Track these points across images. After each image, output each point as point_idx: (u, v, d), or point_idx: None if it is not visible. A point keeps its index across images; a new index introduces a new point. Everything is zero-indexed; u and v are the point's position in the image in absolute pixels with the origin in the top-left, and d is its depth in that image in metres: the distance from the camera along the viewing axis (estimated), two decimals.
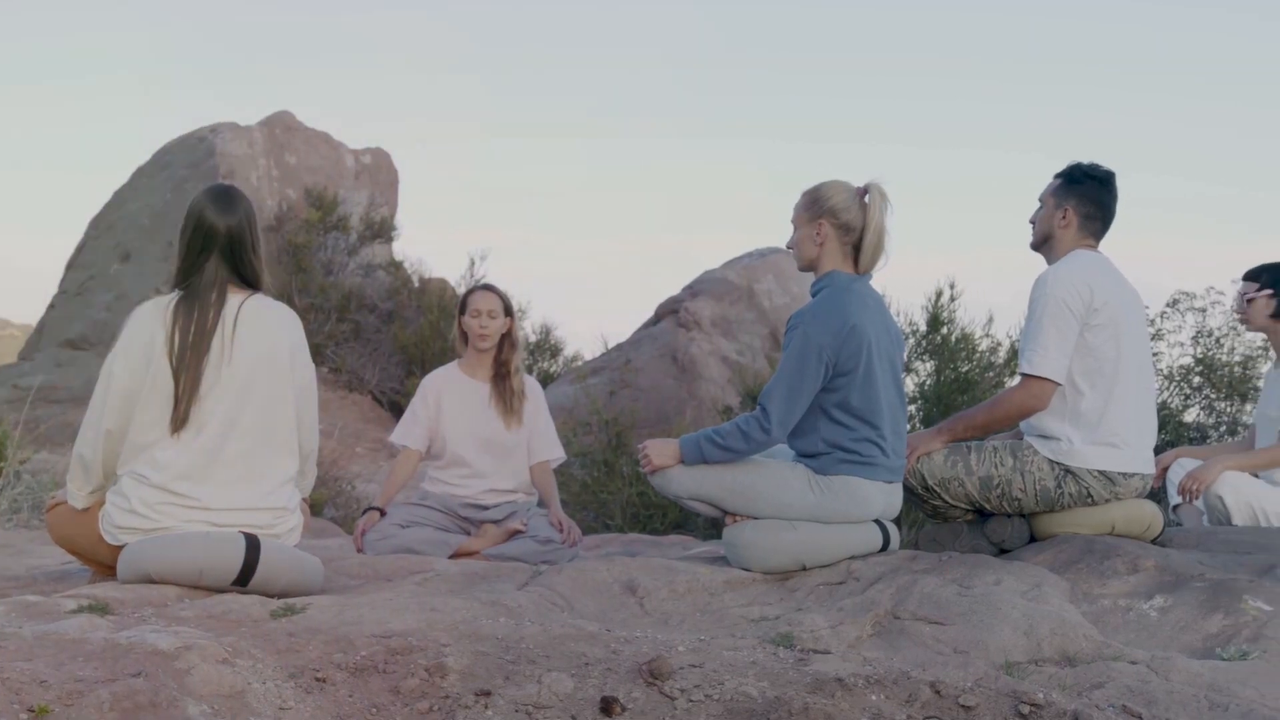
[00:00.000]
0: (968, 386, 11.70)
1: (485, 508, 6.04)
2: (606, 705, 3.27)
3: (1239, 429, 10.13)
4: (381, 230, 18.97)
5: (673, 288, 17.24)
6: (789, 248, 5.05)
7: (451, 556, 5.54)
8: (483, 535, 5.89)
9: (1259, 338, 9.71)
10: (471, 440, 6.06)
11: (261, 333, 4.41)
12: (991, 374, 12.24)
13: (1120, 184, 5.20)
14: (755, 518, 4.74)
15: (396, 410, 16.53)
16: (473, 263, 18.19)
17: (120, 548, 4.31)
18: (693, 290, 16.63)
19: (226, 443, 4.32)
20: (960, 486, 5.03)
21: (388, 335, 17.80)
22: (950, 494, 5.05)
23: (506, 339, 6.14)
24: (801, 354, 4.66)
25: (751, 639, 3.86)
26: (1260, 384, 9.22)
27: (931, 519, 5.30)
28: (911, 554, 4.81)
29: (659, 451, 4.82)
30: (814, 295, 4.88)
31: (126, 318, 4.44)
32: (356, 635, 3.57)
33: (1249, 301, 6.12)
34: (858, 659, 3.65)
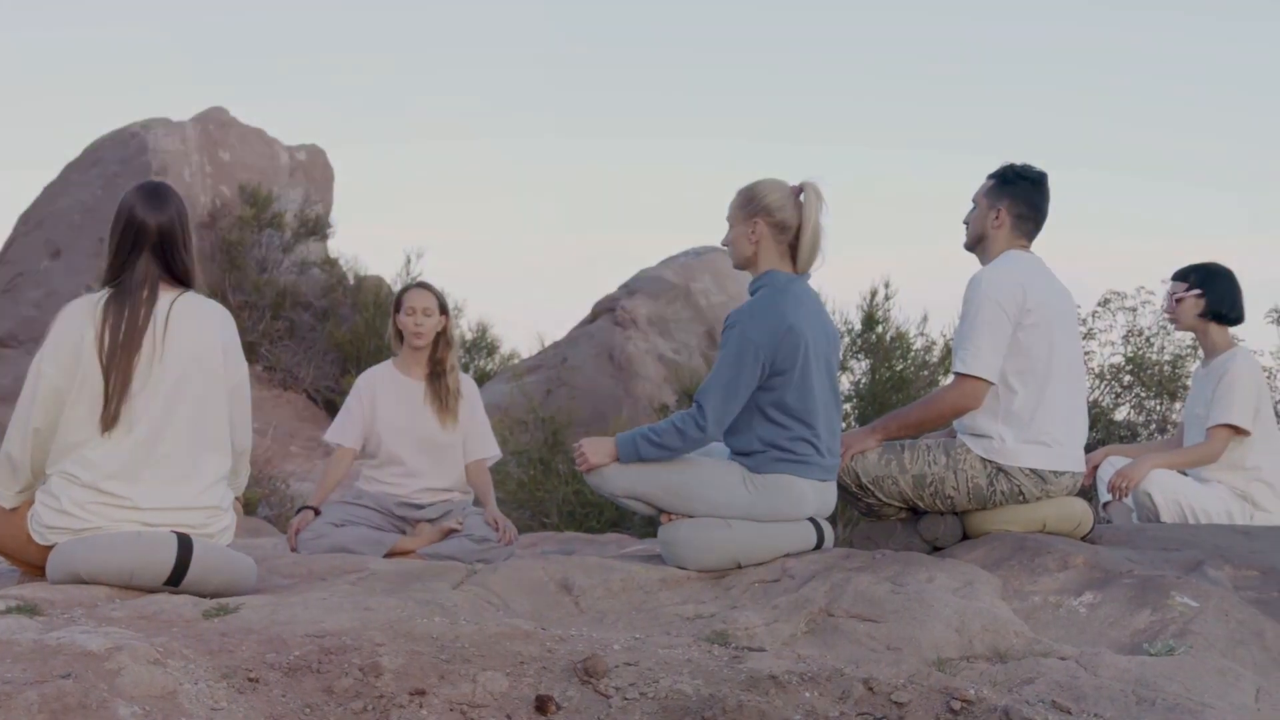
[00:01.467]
0: (902, 385, 11.78)
1: (420, 506, 6.02)
2: (541, 704, 3.27)
3: (1168, 427, 10.25)
4: (316, 227, 18.84)
5: (609, 286, 17.23)
6: (725, 246, 5.07)
7: (386, 555, 5.52)
8: (418, 534, 5.88)
9: (1188, 337, 9.85)
10: (407, 439, 6.04)
11: (194, 331, 4.37)
12: (926, 373, 12.33)
13: (1052, 183, 5.26)
14: (691, 516, 4.76)
15: (331, 408, 16.43)
16: (409, 260, 18.12)
17: (50, 548, 4.27)
18: (629, 289, 16.64)
19: (158, 442, 4.28)
20: (894, 485, 5.06)
21: (322, 333, 17.69)
22: (884, 492, 5.09)
23: (442, 337, 6.12)
24: (738, 353, 4.67)
25: (687, 637, 3.87)
26: (1189, 382, 9.34)
27: (865, 517, 5.33)
28: (845, 552, 4.84)
29: (595, 450, 4.82)
30: (752, 294, 4.90)
31: (56, 315, 4.39)
32: (290, 635, 3.55)
33: (1178, 301, 6.20)
34: (792, 656, 3.67)
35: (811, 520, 4.87)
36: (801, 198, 4.89)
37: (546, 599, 4.38)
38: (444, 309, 6.14)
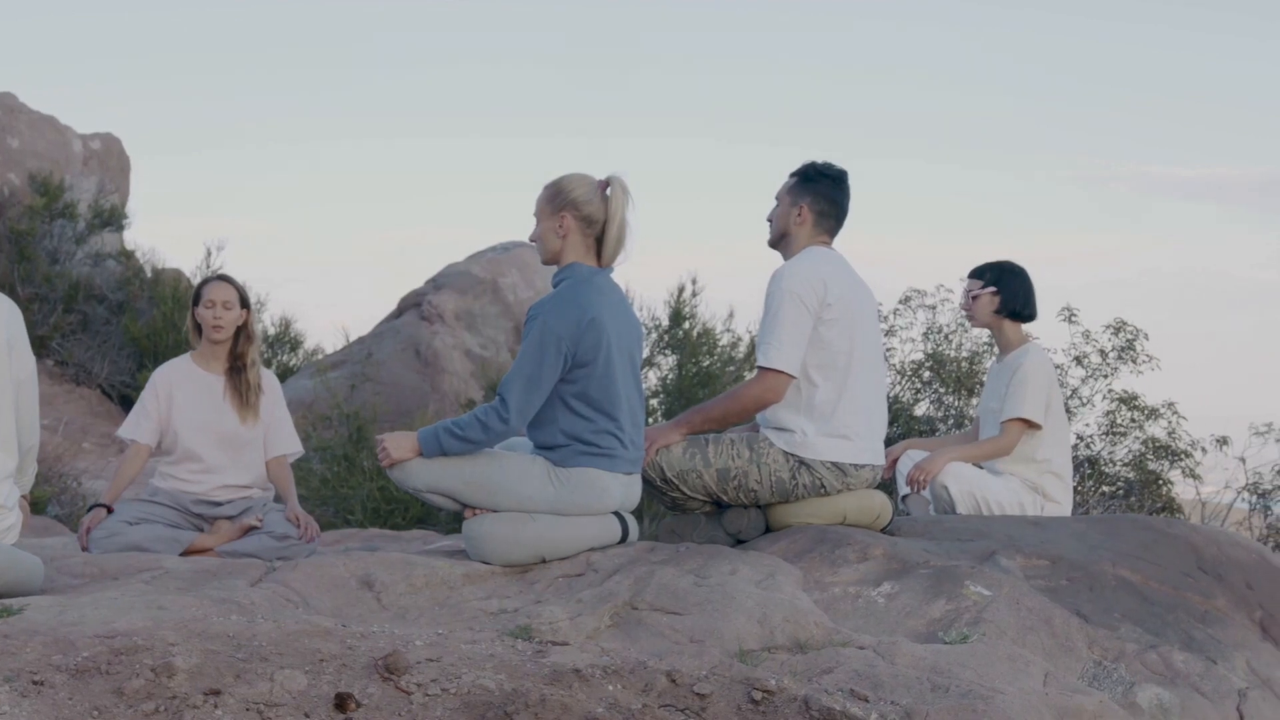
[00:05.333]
0: (709, 380, 11.90)
1: (219, 504, 5.88)
2: (341, 701, 3.22)
3: (966, 422, 10.49)
4: (112, 218, 18.30)
5: (415, 281, 17.08)
6: (532, 241, 5.06)
7: (183, 554, 5.38)
8: (216, 532, 5.74)
9: (984, 334, 10.08)
10: (205, 435, 5.89)
11: None
12: (732, 368, 12.47)
13: (853, 180, 5.36)
14: (495, 510, 4.73)
15: (128, 404, 15.98)
16: (209, 253, 17.71)
17: None
18: (436, 283, 16.53)
19: None
20: (698, 478, 5.10)
21: (118, 327, 17.19)
22: (689, 486, 5.12)
23: (243, 331, 5.98)
24: (540, 344, 4.66)
25: (490, 632, 3.85)
26: (985, 378, 9.58)
27: (670, 510, 5.36)
28: (650, 545, 4.86)
29: (397, 445, 4.77)
30: (555, 286, 4.90)
31: None
32: (78, 636, 3.44)
33: (974, 298, 6.34)
34: (595, 650, 3.68)
35: (616, 514, 4.88)
36: (608, 192, 4.90)
37: (347, 596, 4.31)
38: (245, 303, 6.00)
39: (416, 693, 3.29)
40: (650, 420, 10.88)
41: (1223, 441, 9.66)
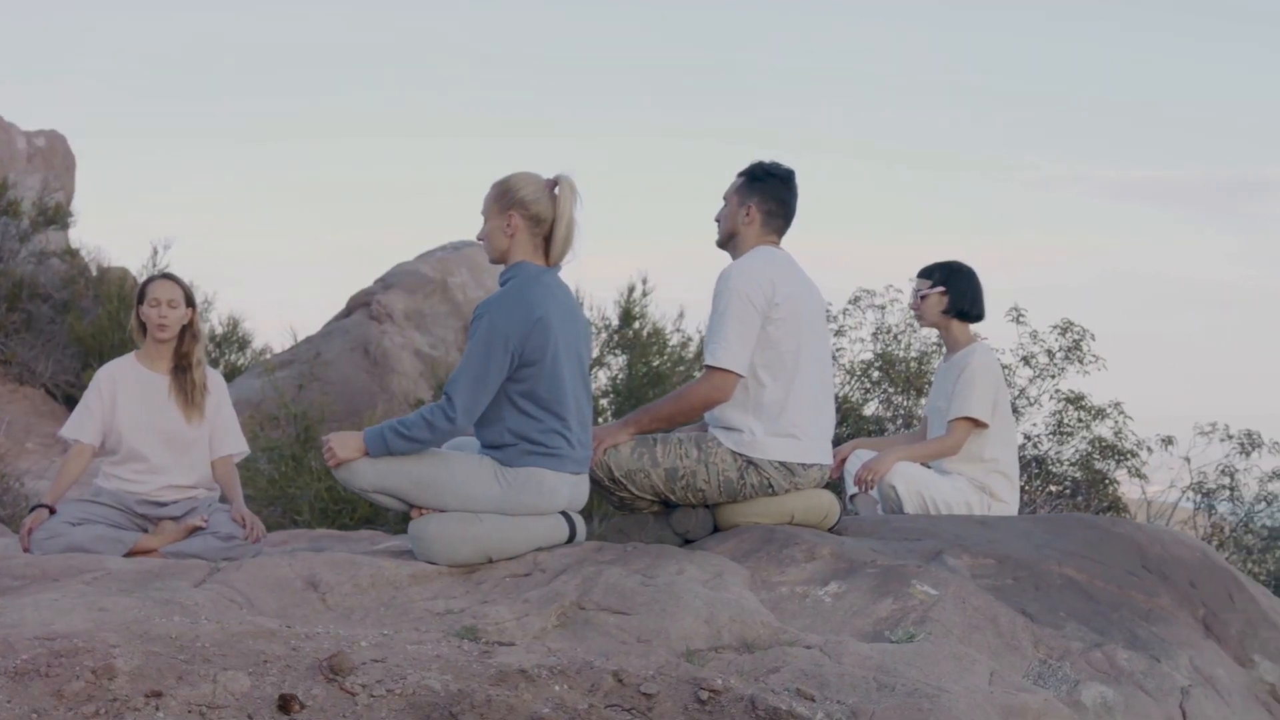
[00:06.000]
0: (659, 380, 11.90)
1: (163, 504, 5.83)
2: (284, 703, 3.20)
3: (914, 422, 10.53)
4: (56, 216, 18.13)
5: (364, 280, 16.98)
6: (480, 240, 5.04)
7: (127, 555, 5.33)
8: (160, 533, 5.69)
9: (933, 334, 10.13)
10: (149, 434, 5.84)
11: None
12: (682, 368, 12.47)
13: (801, 179, 5.36)
14: (442, 510, 4.71)
15: (73, 404, 15.76)
16: (155, 251, 17.52)
17: None
18: (385, 283, 16.43)
19: None
20: (646, 478, 5.09)
21: (63, 326, 17.00)
22: (637, 485, 5.11)
23: (188, 330, 5.93)
24: (487, 343, 4.65)
25: (436, 632, 3.83)
26: (933, 378, 9.62)
27: (618, 510, 5.36)
28: (597, 545, 4.85)
29: (343, 444, 4.74)
30: (502, 286, 4.89)
31: None
32: (17, 638, 3.40)
33: (922, 298, 6.35)
34: (542, 650, 3.67)
35: (564, 513, 4.87)
36: (556, 191, 4.90)
37: (293, 596, 4.28)
38: (190, 301, 5.95)
39: (361, 694, 3.27)
40: (600, 420, 10.87)
41: (1168, 441, 9.77)
